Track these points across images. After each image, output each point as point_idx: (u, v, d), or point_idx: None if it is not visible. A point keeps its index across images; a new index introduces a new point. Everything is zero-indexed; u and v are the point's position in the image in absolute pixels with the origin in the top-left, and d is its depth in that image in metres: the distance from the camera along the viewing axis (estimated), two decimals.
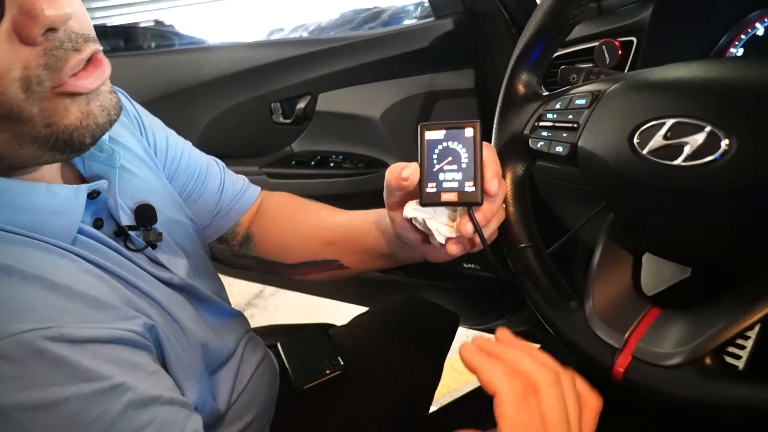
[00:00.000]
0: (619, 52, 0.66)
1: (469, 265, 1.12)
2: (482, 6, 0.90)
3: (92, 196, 0.50)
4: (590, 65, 0.70)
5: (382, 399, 0.80)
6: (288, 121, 1.17)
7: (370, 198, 1.07)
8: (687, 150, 0.38)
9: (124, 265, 0.50)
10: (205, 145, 0.91)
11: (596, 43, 0.69)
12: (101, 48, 0.44)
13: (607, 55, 0.67)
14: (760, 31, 0.60)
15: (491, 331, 1.32)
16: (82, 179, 0.54)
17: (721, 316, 0.37)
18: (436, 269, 1.15)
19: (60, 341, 0.39)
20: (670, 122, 0.39)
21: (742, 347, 0.46)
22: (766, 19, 0.59)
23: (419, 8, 1.38)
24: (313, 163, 1.19)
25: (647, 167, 0.40)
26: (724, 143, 0.36)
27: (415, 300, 0.95)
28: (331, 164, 1.17)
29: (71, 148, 0.44)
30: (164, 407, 0.44)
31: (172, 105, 1.27)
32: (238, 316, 0.71)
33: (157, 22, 1.94)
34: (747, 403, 0.33)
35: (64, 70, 0.40)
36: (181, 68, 1.29)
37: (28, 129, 0.41)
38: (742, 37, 0.61)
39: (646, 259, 0.46)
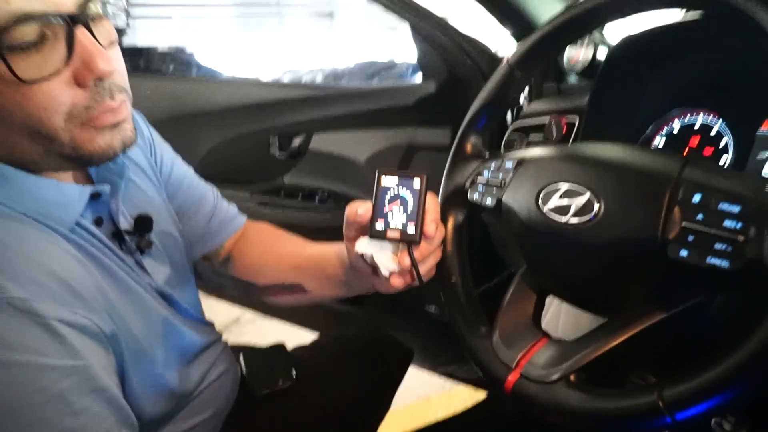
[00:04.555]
0: (564, 128, 0.77)
1: (430, 308, 1.20)
2: (464, 73, 1.02)
3: (94, 196, 0.59)
4: (541, 135, 0.81)
5: (330, 415, 0.86)
6: (283, 155, 1.28)
7: None
8: (573, 209, 0.48)
9: (112, 260, 0.58)
10: (205, 168, 1.01)
11: (549, 117, 0.81)
12: (129, 97, 0.55)
13: (554, 129, 0.78)
14: (677, 128, 0.71)
15: (444, 374, 1.40)
16: (90, 181, 0.63)
17: (585, 346, 0.46)
18: (400, 307, 1.24)
19: (28, 313, 0.45)
20: (564, 187, 0.49)
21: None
22: (682, 118, 0.71)
23: None
24: (300, 196, 1.29)
25: (546, 221, 0.50)
26: (596, 206, 0.46)
27: (374, 330, 1.03)
28: (317, 199, 1.28)
29: (88, 164, 0.55)
30: (102, 405, 0.49)
31: (180, 128, 1.37)
32: (211, 326, 0.79)
33: (178, 49, 2.07)
34: (582, 410, 0.42)
35: (98, 110, 0.50)
36: (193, 96, 1.40)
37: (57, 148, 0.50)
38: (664, 129, 0.72)
39: (548, 299, 0.56)
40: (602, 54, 0.79)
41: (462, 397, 1.79)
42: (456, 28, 1.00)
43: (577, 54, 0.82)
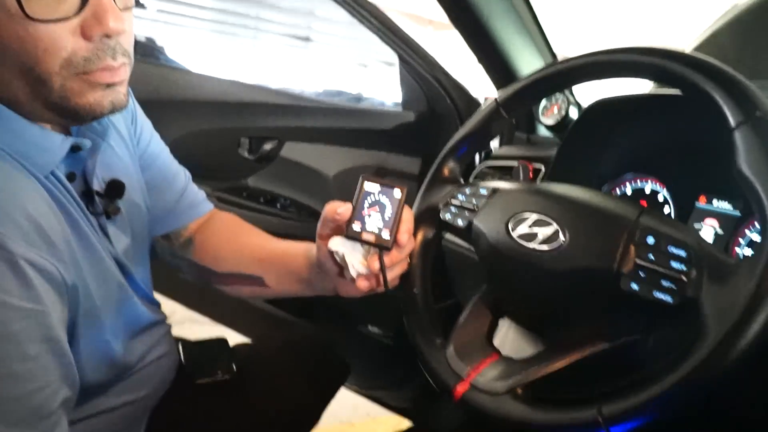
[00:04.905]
0: (531, 174, 0.83)
1: (374, 329, 1.22)
2: (442, 109, 1.08)
3: (75, 149, 0.58)
4: (508, 177, 0.87)
5: (263, 415, 0.86)
6: (252, 157, 1.29)
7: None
8: (540, 237, 0.52)
9: (79, 216, 0.58)
10: None
11: (517, 163, 0.87)
12: (131, 62, 0.55)
13: (521, 173, 0.84)
14: (629, 191, 0.79)
15: (373, 398, 1.41)
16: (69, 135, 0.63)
17: (533, 364, 0.50)
18: (344, 323, 1.25)
19: (1, 249, 0.44)
20: (533, 217, 0.54)
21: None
22: (634, 182, 0.78)
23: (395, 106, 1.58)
24: (262, 200, 1.29)
25: (514, 246, 0.54)
26: (562, 237, 0.51)
27: (318, 338, 1.04)
28: (278, 206, 1.28)
29: (71, 119, 0.55)
30: (51, 356, 0.48)
31: (149, 113, 1.36)
32: (158, 305, 0.78)
33: (149, 39, 2.05)
34: (525, 420, 0.46)
35: (97, 66, 0.51)
36: (167, 83, 1.38)
37: (46, 93, 0.50)
38: (617, 191, 0.80)
39: (501, 321, 0.60)
40: (573, 113, 0.87)
41: (385, 427, 1.79)
42: (442, 68, 1.06)
43: (550, 110, 0.89)
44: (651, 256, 0.45)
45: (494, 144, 1.02)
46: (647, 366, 0.47)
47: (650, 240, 0.46)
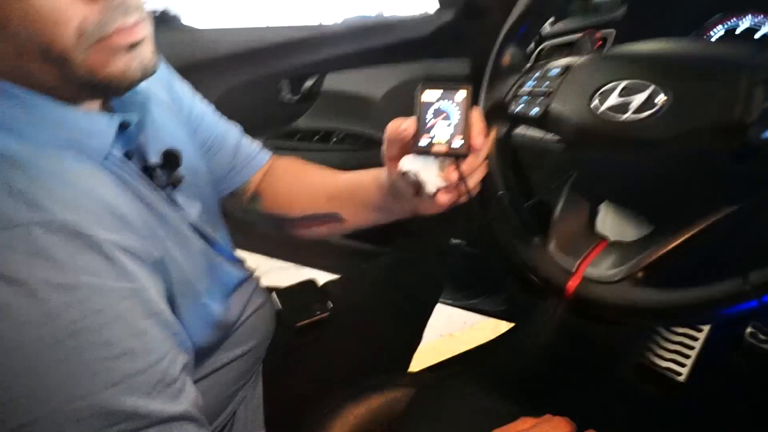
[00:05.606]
0: (599, 42, 0.75)
1: (456, 240, 1.20)
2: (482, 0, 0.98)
3: (123, 127, 0.56)
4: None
5: (364, 346, 0.87)
6: (295, 98, 1.25)
7: None
8: (634, 105, 0.46)
9: (147, 192, 0.57)
10: None
11: (581, 35, 0.78)
12: (146, 17, 0.51)
13: (589, 44, 0.76)
14: (718, 35, 0.69)
15: (469, 308, 1.41)
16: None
17: (650, 245, 0.46)
18: (424, 242, 1.23)
19: (81, 236, 0.44)
20: (621, 84, 0.48)
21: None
22: (720, 26, 0.68)
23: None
24: (315, 138, 1.26)
25: (603, 123, 0.49)
26: (661, 99, 0.45)
27: (403, 262, 1.03)
28: (333, 140, 1.25)
29: (107, 93, 0.53)
30: (160, 328, 0.49)
31: (183, 78, 1.34)
32: (242, 262, 0.78)
33: (163, 11, 2.01)
34: (661, 303, 0.42)
35: (112, 28, 0.47)
36: (192, 45, 1.35)
37: (72, 71, 0.48)
38: (705, 36, 0.70)
39: (602, 206, 0.55)
40: None
41: (485, 332, 1.81)
42: None
43: None
44: None
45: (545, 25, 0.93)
46: None
47: None
